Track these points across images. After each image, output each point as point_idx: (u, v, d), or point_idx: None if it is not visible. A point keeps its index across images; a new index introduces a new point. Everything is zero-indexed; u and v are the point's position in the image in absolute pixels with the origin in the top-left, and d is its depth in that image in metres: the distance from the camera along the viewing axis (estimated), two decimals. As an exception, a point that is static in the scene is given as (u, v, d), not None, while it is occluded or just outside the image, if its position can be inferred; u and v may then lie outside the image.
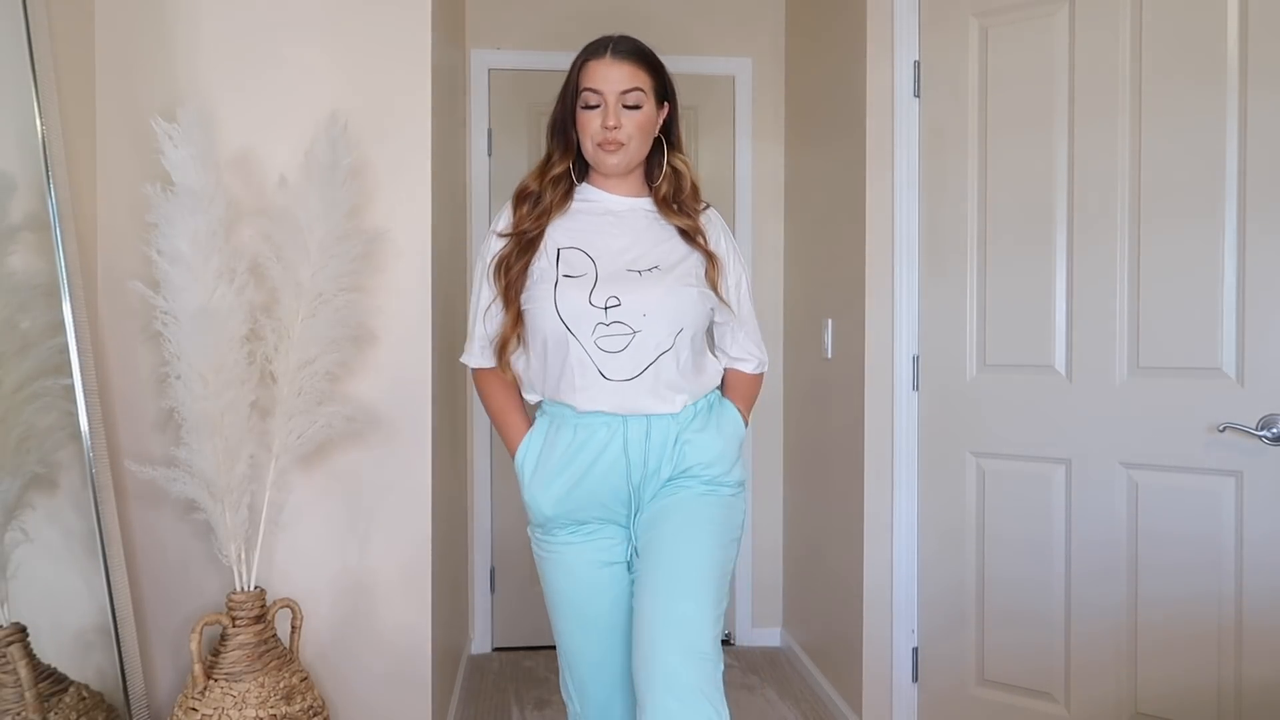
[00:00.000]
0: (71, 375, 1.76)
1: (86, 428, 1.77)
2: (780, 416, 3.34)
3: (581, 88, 1.52)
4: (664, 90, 1.57)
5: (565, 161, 1.57)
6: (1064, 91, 2.13)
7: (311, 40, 2.00)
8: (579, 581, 1.56)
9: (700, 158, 3.32)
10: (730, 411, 1.61)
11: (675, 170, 1.59)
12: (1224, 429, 1.89)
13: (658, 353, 1.50)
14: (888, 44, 2.41)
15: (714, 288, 1.57)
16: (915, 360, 2.41)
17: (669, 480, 1.54)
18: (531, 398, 1.61)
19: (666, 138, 1.59)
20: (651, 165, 1.60)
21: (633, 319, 1.49)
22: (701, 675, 1.36)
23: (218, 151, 1.91)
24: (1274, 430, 1.83)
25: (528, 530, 1.64)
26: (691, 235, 1.57)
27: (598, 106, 1.51)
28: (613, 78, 1.50)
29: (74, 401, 1.76)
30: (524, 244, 1.54)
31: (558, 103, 1.59)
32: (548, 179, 1.57)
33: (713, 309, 1.59)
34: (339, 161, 1.82)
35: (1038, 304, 2.18)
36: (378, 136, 2.02)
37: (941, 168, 2.34)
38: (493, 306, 1.58)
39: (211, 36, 1.98)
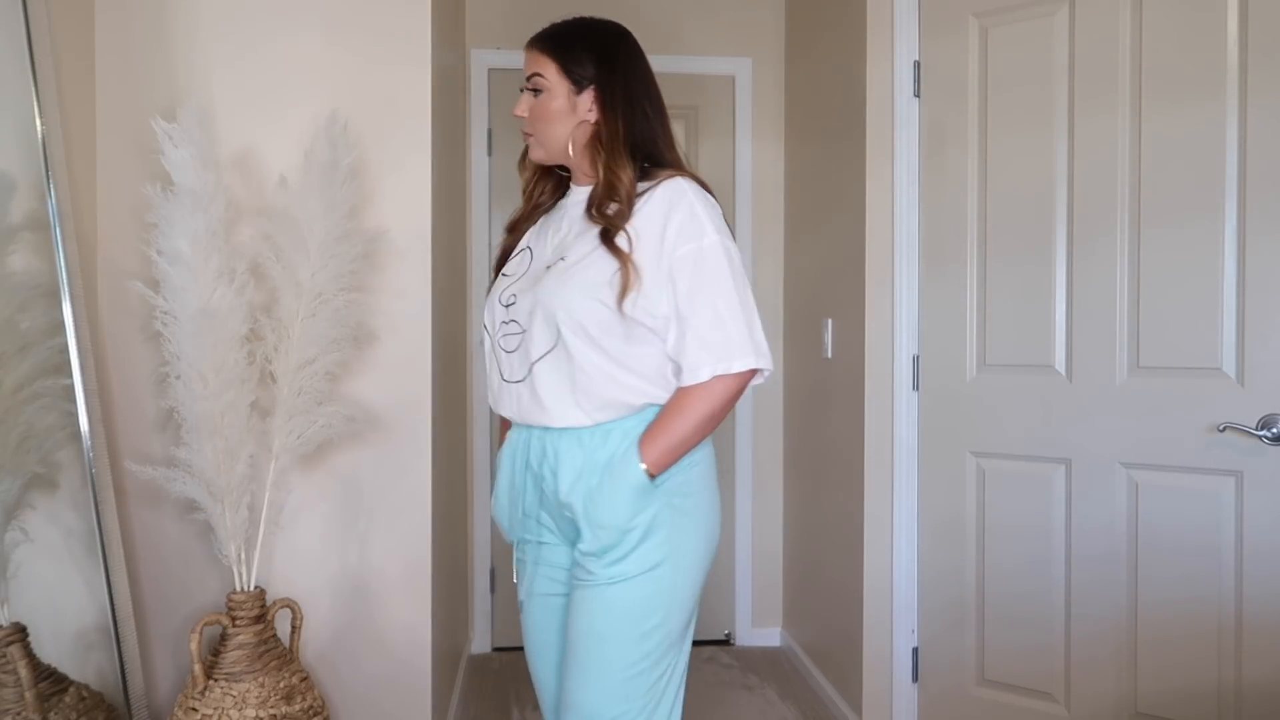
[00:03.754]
0: (71, 375, 1.75)
1: (86, 428, 1.77)
2: (780, 416, 3.34)
3: None
4: (581, 74, 1.40)
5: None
6: (1064, 91, 2.13)
7: (312, 40, 2.00)
8: (529, 609, 1.51)
9: (700, 158, 3.32)
10: (628, 468, 1.32)
11: (604, 176, 1.37)
12: (1224, 429, 1.89)
13: (540, 354, 1.36)
14: (888, 44, 2.41)
15: (622, 292, 1.31)
16: (915, 360, 2.41)
17: (577, 550, 1.37)
18: None
19: (608, 129, 1.39)
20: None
21: (522, 316, 1.38)
22: None
23: (218, 151, 1.91)
24: (1274, 430, 1.83)
25: None
26: (608, 235, 1.34)
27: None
28: (526, 66, 1.47)
29: (74, 401, 1.76)
30: (505, 247, 1.54)
31: None
32: (523, 164, 1.55)
33: (607, 307, 1.33)
34: (339, 161, 1.82)
35: (1038, 304, 2.18)
36: (378, 136, 2.02)
37: (941, 168, 2.34)
38: None
39: (212, 36, 1.98)
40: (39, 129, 1.72)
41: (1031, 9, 2.18)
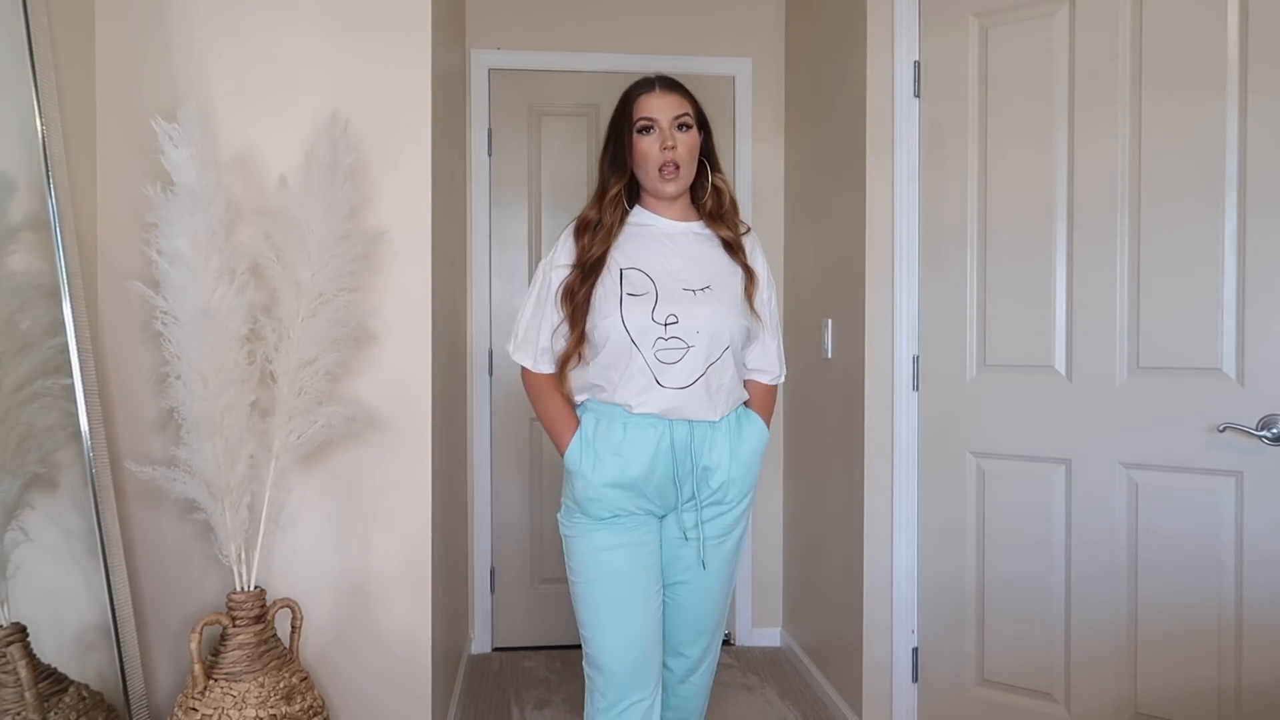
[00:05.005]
0: (71, 375, 1.75)
1: (86, 428, 1.77)
2: (780, 416, 3.33)
3: (636, 118, 1.73)
4: (702, 118, 1.79)
5: (620, 182, 1.75)
6: (1064, 91, 2.13)
7: (312, 40, 2.00)
8: (626, 570, 1.71)
9: (700, 158, 3.32)
10: (757, 424, 1.81)
11: (717, 189, 1.80)
12: (1224, 429, 1.89)
13: (707, 365, 1.70)
14: (888, 44, 2.41)
15: (750, 301, 1.78)
16: (915, 360, 2.41)
17: (712, 494, 1.75)
18: (580, 397, 1.77)
19: (706, 160, 1.81)
20: (695, 188, 1.81)
21: (688, 335, 1.68)
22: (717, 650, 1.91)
23: (218, 151, 1.91)
24: (1274, 430, 1.83)
25: (560, 517, 1.78)
26: (734, 248, 1.79)
27: (652, 131, 1.72)
28: (665, 106, 1.72)
29: (74, 401, 1.76)
30: (588, 270, 1.71)
31: (609, 138, 1.78)
32: (607, 201, 1.75)
33: (748, 326, 1.78)
34: (339, 161, 1.82)
35: (1038, 304, 2.18)
36: (378, 136, 2.02)
37: (941, 168, 2.34)
38: (560, 327, 1.75)
39: (212, 36, 1.98)
40: (39, 129, 1.72)
41: (1031, 9, 2.18)
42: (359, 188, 1.94)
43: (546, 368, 1.77)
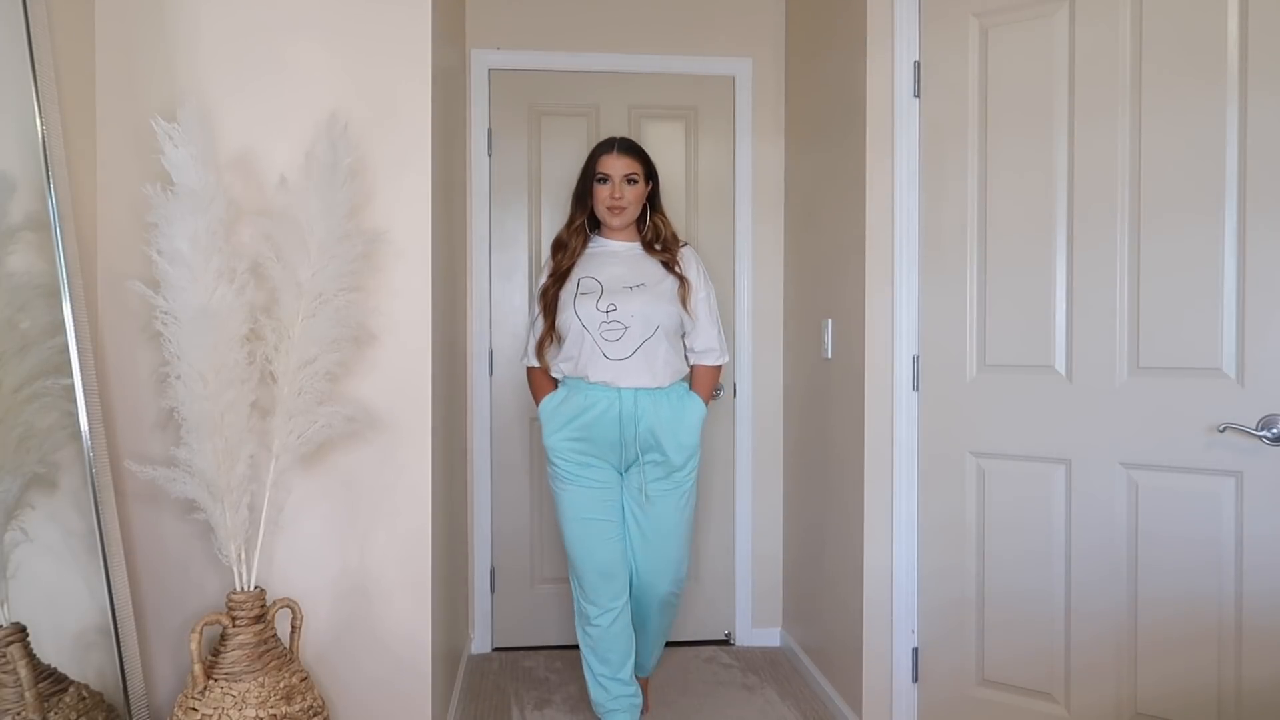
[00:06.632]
0: (71, 375, 1.75)
1: (86, 428, 1.77)
2: (780, 416, 3.34)
3: (596, 171, 2.38)
4: (650, 171, 2.43)
5: (582, 216, 2.43)
6: (1064, 91, 2.13)
7: (312, 40, 2.01)
8: (584, 504, 2.33)
9: (700, 158, 3.32)
10: (696, 401, 2.39)
11: (655, 225, 2.44)
12: (1224, 429, 1.89)
13: (641, 341, 2.30)
14: (888, 44, 2.41)
15: (683, 302, 2.38)
16: (915, 360, 2.41)
17: (651, 456, 2.33)
18: (557, 376, 2.41)
19: (651, 203, 2.45)
20: (642, 221, 2.45)
21: (624, 319, 2.30)
22: (678, 586, 2.49)
23: (218, 151, 1.91)
24: (1274, 430, 1.83)
25: (547, 467, 2.40)
26: (669, 265, 2.40)
27: (607, 183, 2.36)
28: (618, 166, 2.37)
29: (74, 401, 1.76)
30: (557, 278, 2.39)
31: (579, 180, 2.44)
32: (572, 229, 2.43)
33: (683, 317, 2.38)
34: (339, 161, 1.82)
35: (1038, 304, 2.18)
36: (378, 136, 2.02)
37: (941, 168, 2.34)
38: (539, 321, 2.41)
39: (212, 36, 1.98)
40: (39, 129, 1.72)
41: (1031, 9, 2.18)
42: (359, 188, 1.94)
43: (537, 362, 2.43)
